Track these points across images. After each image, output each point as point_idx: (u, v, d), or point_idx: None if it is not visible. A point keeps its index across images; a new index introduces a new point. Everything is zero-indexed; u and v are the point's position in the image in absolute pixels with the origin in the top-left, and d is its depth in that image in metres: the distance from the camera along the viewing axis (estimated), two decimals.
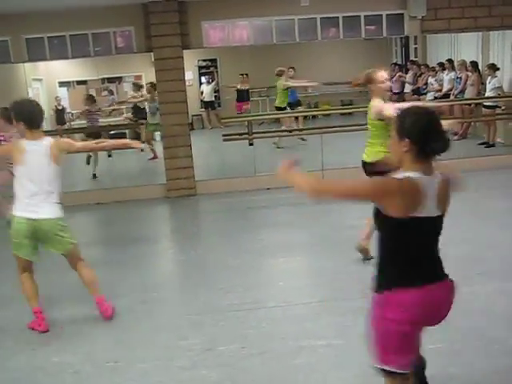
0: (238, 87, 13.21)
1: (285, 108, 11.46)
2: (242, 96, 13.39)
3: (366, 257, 5.27)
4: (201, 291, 5.02)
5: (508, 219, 6.35)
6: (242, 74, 13.19)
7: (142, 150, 10.24)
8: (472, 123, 11.56)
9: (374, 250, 3.09)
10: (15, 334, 4.41)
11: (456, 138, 11.14)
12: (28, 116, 4.29)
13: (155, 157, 11.22)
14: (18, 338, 4.35)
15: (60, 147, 4.39)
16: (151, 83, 11.01)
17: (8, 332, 4.46)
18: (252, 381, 3.54)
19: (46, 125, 12.46)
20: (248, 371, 3.64)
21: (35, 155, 4.23)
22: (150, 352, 3.98)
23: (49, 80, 13.34)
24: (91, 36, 8.44)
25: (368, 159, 5.12)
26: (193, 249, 6.34)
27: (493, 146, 10.41)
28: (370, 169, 4.89)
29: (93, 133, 9.92)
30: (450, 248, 5.74)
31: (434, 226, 2.54)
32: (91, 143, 5.47)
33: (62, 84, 13.82)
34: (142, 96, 11.99)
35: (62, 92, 13.70)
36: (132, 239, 6.81)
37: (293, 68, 12.06)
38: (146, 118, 11.51)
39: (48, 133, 7.34)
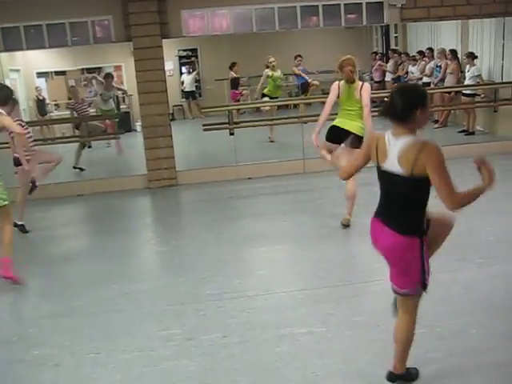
0: (235, 75, 12.99)
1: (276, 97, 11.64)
2: (237, 84, 13.18)
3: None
4: (182, 281, 5.02)
5: (486, 206, 6.41)
6: (235, 62, 12.97)
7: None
8: (452, 111, 11.64)
9: None
10: None
11: (436, 126, 11.24)
12: None
13: (119, 149, 11.23)
14: None
15: None
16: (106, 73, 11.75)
17: None
18: (233, 369, 3.54)
19: (26, 115, 12.33)
20: (229, 360, 3.65)
21: None
22: (131, 342, 3.97)
23: (26, 70, 13.13)
24: (68, 25, 8.30)
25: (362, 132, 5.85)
26: (174, 239, 6.32)
27: (472, 133, 10.50)
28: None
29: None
30: None
31: (393, 181, 2.91)
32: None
33: (40, 75, 13.60)
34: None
35: (41, 83, 13.50)
36: (113, 230, 6.76)
37: (300, 56, 12.29)
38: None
39: (29, 124, 7.30)
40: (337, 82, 6.12)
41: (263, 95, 11.67)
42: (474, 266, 4.82)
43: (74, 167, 9.91)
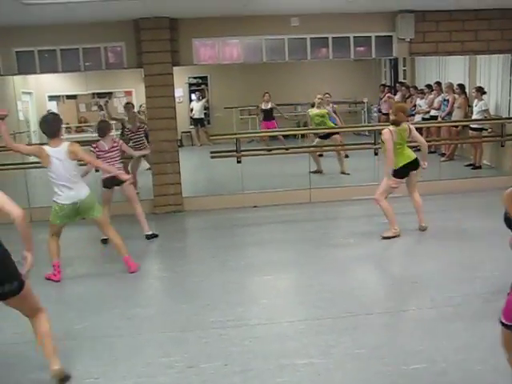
0: (262, 107, 12.85)
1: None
2: (268, 115, 12.88)
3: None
4: (184, 308, 5.00)
5: (491, 240, 6.39)
6: (267, 92, 12.79)
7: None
8: (459, 145, 11.67)
9: None
10: None
11: (443, 159, 11.25)
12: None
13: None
14: None
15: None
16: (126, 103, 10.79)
17: None
18: None
19: (36, 138, 12.45)
20: None
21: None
22: (131, 369, 3.94)
23: (38, 93, 13.31)
24: (82, 51, 8.46)
25: None
26: (178, 265, 6.32)
27: (479, 167, 10.50)
28: None
29: None
30: (422, 266, 5.80)
31: None
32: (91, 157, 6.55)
33: (51, 98, 13.79)
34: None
35: (52, 106, 13.66)
36: (117, 255, 6.76)
37: (328, 93, 11.93)
38: None
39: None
40: (388, 130, 6.64)
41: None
42: (480, 300, 4.78)
43: None
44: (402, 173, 6.80)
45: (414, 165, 6.86)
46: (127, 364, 4.01)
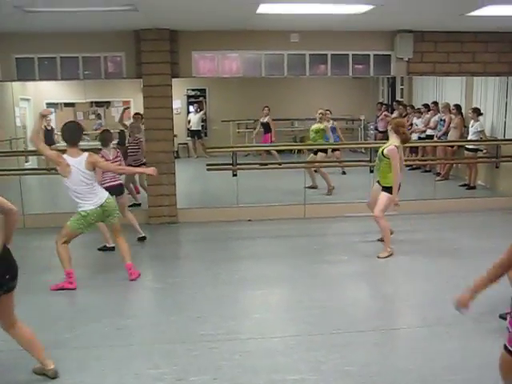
0: (262, 120, 12.89)
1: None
2: (267, 128, 12.94)
3: None
4: (175, 319, 4.98)
5: (484, 261, 6.40)
6: (266, 106, 12.87)
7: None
8: (454, 165, 11.72)
9: None
10: None
11: (438, 178, 11.30)
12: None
13: (136, 191, 10.28)
14: None
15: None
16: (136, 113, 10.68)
17: None
18: None
19: (32, 145, 12.43)
20: None
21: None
22: (119, 379, 3.91)
23: (37, 100, 13.31)
24: (81, 59, 8.48)
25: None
26: (170, 276, 6.30)
27: (474, 188, 10.55)
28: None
29: None
30: (414, 284, 5.79)
31: None
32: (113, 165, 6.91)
33: (49, 105, 13.79)
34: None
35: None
36: (110, 264, 6.75)
37: (328, 110, 11.92)
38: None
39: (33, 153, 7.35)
40: (394, 147, 6.65)
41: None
42: (471, 320, 4.77)
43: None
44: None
45: None
46: (116, 375, 3.98)
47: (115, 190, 7.11)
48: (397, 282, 6.21)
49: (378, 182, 6.90)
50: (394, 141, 6.72)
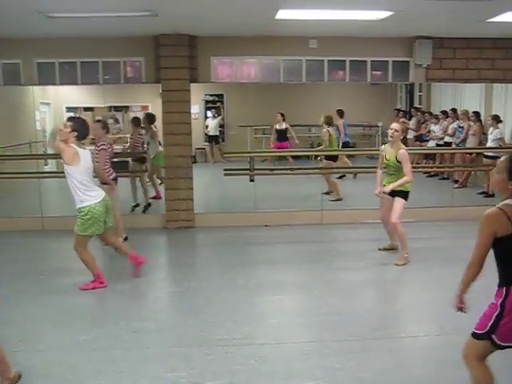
0: (277, 127, 12.91)
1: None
2: (281, 136, 12.91)
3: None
4: (191, 324, 5.00)
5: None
6: (280, 112, 12.88)
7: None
8: (472, 172, 11.63)
9: None
10: None
11: (456, 186, 11.21)
12: None
13: (157, 196, 10.48)
14: None
15: None
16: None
17: None
18: None
19: (50, 148, 12.58)
20: None
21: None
22: (136, 382, 3.94)
23: (56, 104, 13.46)
24: (101, 64, 8.57)
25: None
26: (186, 281, 6.32)
27: (492, 195, 10.43)
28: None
29: None
30: (431, 292, 5.73)
31: None
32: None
33: (69, 109, 13.93)
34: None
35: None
36: (127, 267, 6.78)
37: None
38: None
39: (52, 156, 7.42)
40: (406, 151, 6.76)
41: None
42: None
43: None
44: None
45: None
46: (132, 378, 4.01)
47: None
48: (413, 289, 6.17)
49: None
50: (400, 145, 6.75)
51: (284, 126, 12.54)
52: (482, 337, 3.09)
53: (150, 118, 10.44)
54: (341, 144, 11.87)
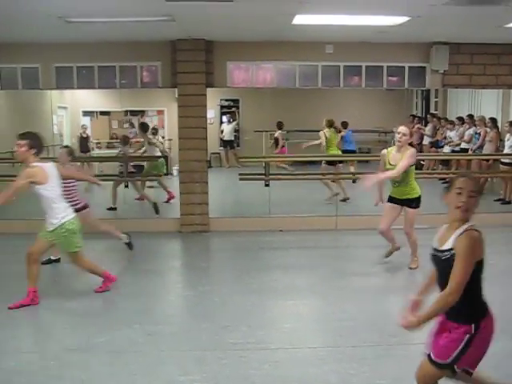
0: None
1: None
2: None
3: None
4: (205, 327, 5.00)
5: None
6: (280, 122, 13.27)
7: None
8: (489, 179, 11.53)
9: None
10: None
11: None
12: None
13: (170, 197, 10.83)
14: (18, 359, 4.34)
15: None
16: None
17: None
18: None
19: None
20: None
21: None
22: None
23: (73, 108, 13.59)
24: (118, 68, 8.64)
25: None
26: (201, 285, 6.33)
27: (509, 202, 10.35)
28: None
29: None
30: None
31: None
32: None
33: (85, 113, 14.07)
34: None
35: (85, 121, 13.94)
36: (142, 270, 6.83)
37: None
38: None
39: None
40: (414, 150, 6.54)
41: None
42: (508, 337, 4.67)
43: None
44: None
45: None
46: (146, 380, 4.02)
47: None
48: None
49: (394, 199, 6.58)
50: (408, 148, 6.39)
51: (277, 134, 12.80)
52: (443, 367, 3.01)
53: (144, 127, 11.18)
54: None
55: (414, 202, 6.52)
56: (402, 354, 4.42)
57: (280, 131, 13.02)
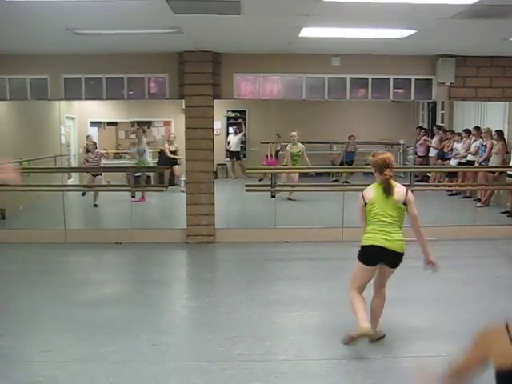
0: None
1: None
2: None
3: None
4: (211, 338, 5.00)
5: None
6: (277, 134, 13.55)
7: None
8: (495, 191, 11.51)
9: None
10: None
11: (479, 204, 11.10)
12: None
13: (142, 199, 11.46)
14: (24, 368, 4.35)
15: None
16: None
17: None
18: None
19: (75, 161, 12.77)
20: None
21: None
22: None
23: (81, 119, 13.66)
24: (126, 80, 8.71)
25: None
26: (207, 295, 6.33)
27: None
28: None
29: None
30: (453, 313, 5.67)
31: None
32: None
33: (93, 124, 14.13)
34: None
35: (93, 131, 14.00)
36: (147, 281, 6.83)
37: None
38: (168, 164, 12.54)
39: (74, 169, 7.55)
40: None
41: None
42: None
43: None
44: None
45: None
46: None
47: None
48: (434, 308, 6.10)
49: (383, 249, 4.77)
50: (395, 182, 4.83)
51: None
52: None
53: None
54: None
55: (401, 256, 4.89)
56: (408, 367, 4.40)
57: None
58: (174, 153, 13.21)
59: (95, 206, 11.29)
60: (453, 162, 12.46)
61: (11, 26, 6.40)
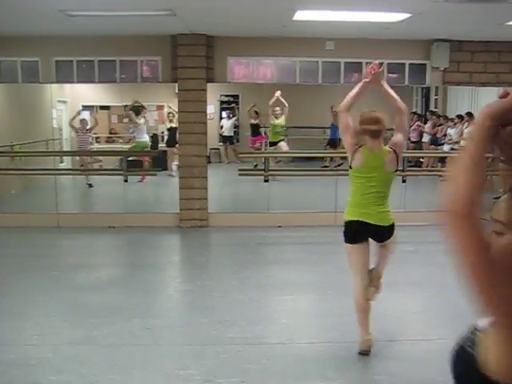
0: (252, 122, 13.73)
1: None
2: (256, 130, 13.87)
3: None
4: (204, 322, 5.01)
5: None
6: (256, 111, 13.68)
7: None
8: (488, 177, 11.54)
9: None
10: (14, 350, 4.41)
11: None
12: None
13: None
14: (18, 352, 4.35)
15: None
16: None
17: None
18: None
19: (67, 145, 12.69)
20: None
21: None
22: (148, 378, 3.96)
23: (73, 102, 13.55)
24: (119, 63, 8.63)
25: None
26: (199, 279, 6.34)
27: None
28: None
29: None
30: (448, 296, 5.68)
31: None
32: None
33: (85, 107, 14.01)
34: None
35: (85, 115, 13.89)
36: (140, 264, 6.83)
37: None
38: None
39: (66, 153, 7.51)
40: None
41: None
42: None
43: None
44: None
45: None
46: (144, 373, 4.03)
47: None
48: (428, 293, 6.13)
49: (369, 226, 4.56)
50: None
51: (257, 121, 13.59)
52: None
53: (137, 111, 12.44)
54: None
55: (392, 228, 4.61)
56: (401, 351, 4.44)
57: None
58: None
59: (90, 185, 11.30)
60: (446, 148, 12.48)
61: (2, 7, 6.32)
